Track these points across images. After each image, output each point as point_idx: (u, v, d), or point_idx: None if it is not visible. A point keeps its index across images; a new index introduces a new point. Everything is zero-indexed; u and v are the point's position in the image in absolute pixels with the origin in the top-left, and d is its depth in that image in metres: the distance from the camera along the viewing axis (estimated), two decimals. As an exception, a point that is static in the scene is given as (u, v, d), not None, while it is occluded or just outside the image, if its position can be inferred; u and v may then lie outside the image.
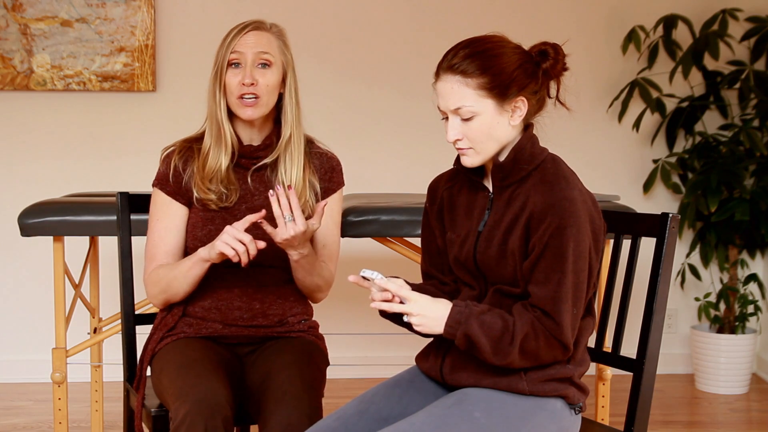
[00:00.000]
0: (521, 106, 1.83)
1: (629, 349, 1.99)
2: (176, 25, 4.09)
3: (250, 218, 2.08)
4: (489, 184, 1.92)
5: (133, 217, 2.40)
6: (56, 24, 4.00)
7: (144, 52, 4.04)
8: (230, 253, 2.05)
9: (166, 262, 2.22)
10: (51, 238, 2.76)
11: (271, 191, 2.07)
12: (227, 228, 2.08)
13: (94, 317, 3.17)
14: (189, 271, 2.17)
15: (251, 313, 2.23)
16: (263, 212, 2.08)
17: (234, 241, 2.05)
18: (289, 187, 2.07)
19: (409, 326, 1.84)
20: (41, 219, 2.67)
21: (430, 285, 2.01)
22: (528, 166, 1.85)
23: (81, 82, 4.04)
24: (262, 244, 2.08)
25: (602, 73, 4.26)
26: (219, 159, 2.20)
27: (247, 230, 2.15)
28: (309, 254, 2.19)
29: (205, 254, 2.13)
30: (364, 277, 1.81)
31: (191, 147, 2.25)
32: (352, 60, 4.17)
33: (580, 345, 1.88)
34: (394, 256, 3.83)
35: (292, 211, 2.06)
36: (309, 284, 2.28)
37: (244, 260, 2.06)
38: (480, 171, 1.94)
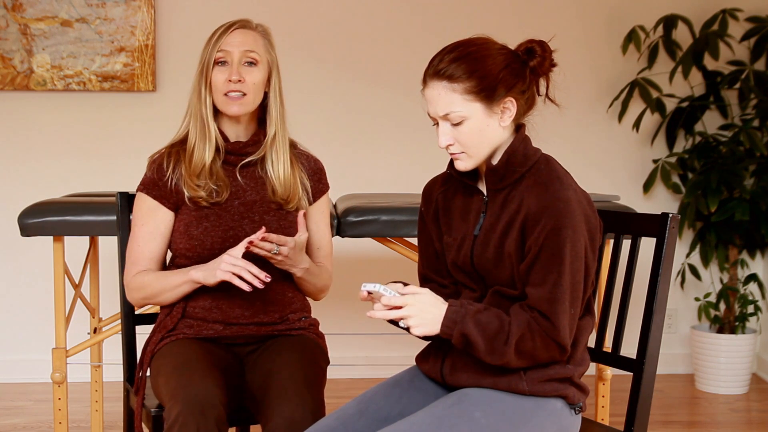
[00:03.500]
0: (510, 106, 1.83)
1: (629, 349, 1.99)
2: (176, 25, 4.10)
3: (249, 239, 2.07)
4: (483, 187, 1.92)
5: (133, 217, 2.40)
6: (56, 24, 4.00)
7: (144, 52, 4.04)
8: (237, 282, 2.05)
9: (149, 267, 2.23)
10: (51, 238, 2.76)
11: (251, 244, 2.08)
12: (227, 254, 2.07)
13: (94, 317, 3.18)
14: (177, 288, 2.18)
15: (252, 311, 2.23)
16: (263, 230, 2.08)
17: (236, 268, 2.05)
18: (263, 238, 2.08)
19: (407, 329, 1.84)
20: (41, 219, 2.67)
21: (430, 288, 2.01)
22: (521, 168, 1.85)
23: (81, 82, 4.04)
24: (267, 278, 2.08)
25: (602, 73, 4.26)
26: (204, 154, 2.21)
27: (237, 225, 2.18)
28: (310, 266, 2.23)
29: (200, 278, 2.13)
30: (367, 291, 1.80)
31: (177, 150, 2.25)
32: (352, 60, 4.17)
33: (579, 344, 1.88)
34: (394, 256, 3.83)
35: (274, 243, 2.11)
36: (313, 290, 2.32)
37: (257, 283, 2.05)
38: (473, 175, 1.93)
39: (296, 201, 2.26)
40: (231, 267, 2.05)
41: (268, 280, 2.06)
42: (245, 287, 2.05)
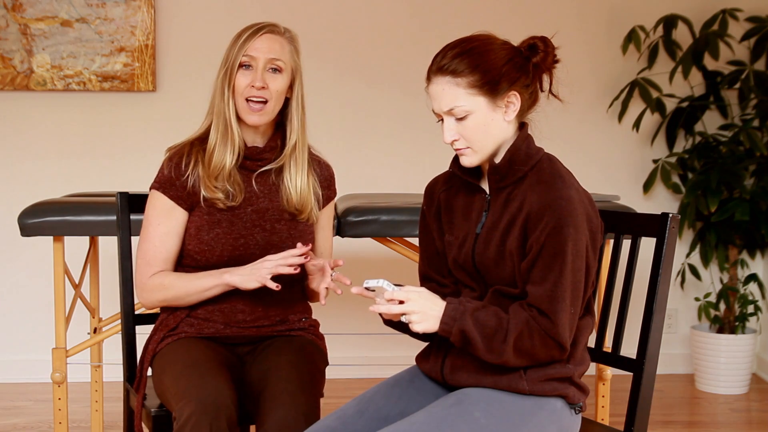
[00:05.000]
0: (514, 100, 1.84)
1: (629, 349, 1.99)
2: (176, 25, 4.09)
3: (294, 253, 2.09)
4: (485, 186, 1.92)
5: (132, 217, 2.40)
6: (56, 24, 4.00)
7: (144, 52, 4.04)
8: (271, 285, 2.08)
9: (164, 267, 2.22)
10: (51, 238, 2.76)
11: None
12: (267, 261, 2.10)
13: (94, 317, 3.18)
14: (207, 291, 2.17)
15: (254, 316, 2.23)
16: (309, 246, 2.09)
17: (279, 268, 2.08)
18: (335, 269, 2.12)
19: (406, 327, 1.84)
20: (41, 219, 2.67)
21: (430, 288, 2.01)
22: (524, 166, 1.85)
23: (81, 82, 4.04)
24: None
25: (602, 73, 4.26)
26: (224, 157, 2.19)
27: (248, 233, 2.18)
28: None
29: (236, 282, 2.13)
30: (367, 288, 1.80)
31: (198, 149, 2.22)
32: (352, 60, 4.17)
33: (579, 344, 1.88)
34: (394, 256, 3.83)
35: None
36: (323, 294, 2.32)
37: (295, 267, 2.10)
38: (476, 173, 1.94)
39: (308, 212, 2.25)
40: (271, 271, 2.07)
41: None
42: (274, 286, 2.08)
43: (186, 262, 2.24)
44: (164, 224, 2.21)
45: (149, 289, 2.21)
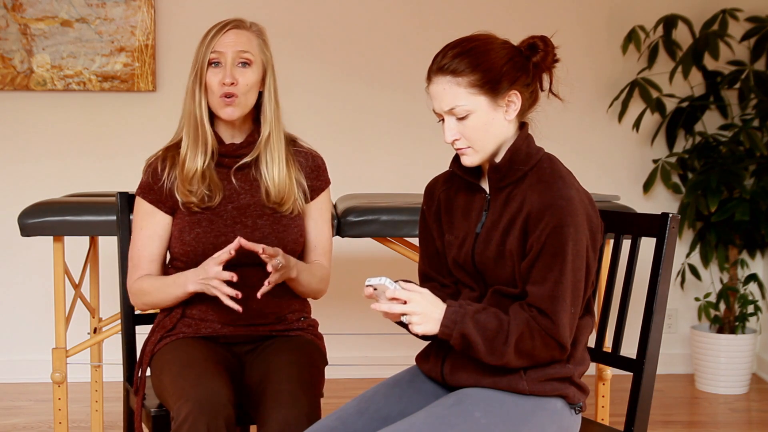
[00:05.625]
0: (515, 100, 1.84)
1: (629, 349, 1.99)
2: (176, 25, 4.10)
3: (223, 256, 2.07)
4: (486, 186, 1.92)
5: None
6: (56, 24, 4.00)
7: (144, 52, 4.04)
8: (227, 302, 2.07)
9: (149, 269, 2.24)
10: (51, 238, 2.76)
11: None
12: (207, 268, 2.08)
13: (94, 317, 3.18)
14: (178, 299, 2.20)
15: (249, 314, 2.23)
16: (237, 242, 2.06)
17: (223, 285, 2.07)
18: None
19: (405, 326, 1.84)
20: (41, 219, 2.67)
21: (431, 287, 2.01)
22: (524, 166, 1.86)
23: (81, 82, 4.04)
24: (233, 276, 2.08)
25: (602, 73, 4.26)
26: (196, 160, 2.20)
27: (229, 231, 2.20)
28: (302, 268, 2.23)
29: (199, 290, 2.13)
30: (369, 285, 1.79)
31: (173, 154, 2.24)
32: (352, 60, 4.17)
33: (579, 344, 1.88)
34: (394, 256, 3.83)
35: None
36: (310, 292, 2.30)
37: (233, 298, 2.08)
38: (476, 173, 1.94)
39: (291, 203, 2.24)
40: (218, 285, 2.07)
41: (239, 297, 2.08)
42: (235, 305, 2.07)
43: (176, 264, 2.26)
44: (146, 228, 2.24)
45: (134, 293, 2.25)
